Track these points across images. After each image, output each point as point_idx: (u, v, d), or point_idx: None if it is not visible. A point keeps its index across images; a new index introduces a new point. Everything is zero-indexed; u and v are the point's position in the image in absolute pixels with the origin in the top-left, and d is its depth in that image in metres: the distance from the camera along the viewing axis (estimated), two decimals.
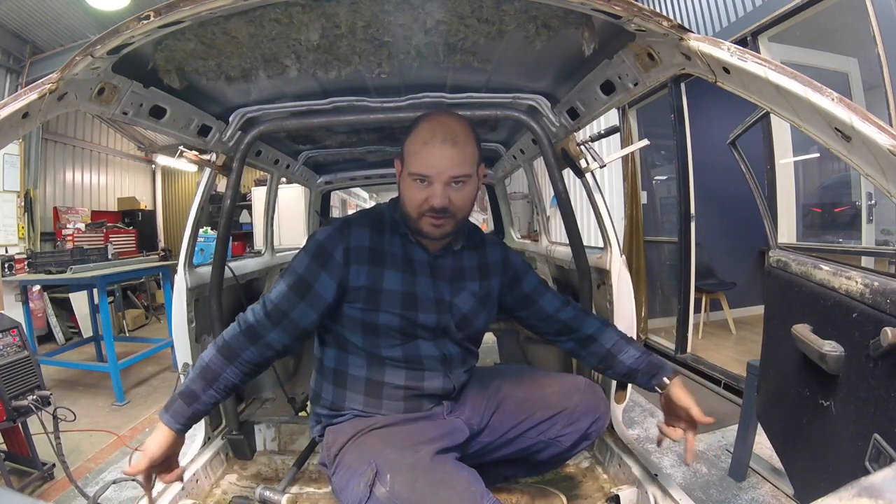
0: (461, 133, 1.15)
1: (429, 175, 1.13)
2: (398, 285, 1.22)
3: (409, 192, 1.17)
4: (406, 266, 1.24)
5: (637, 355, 1.34)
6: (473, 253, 1.35)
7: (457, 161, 1.13)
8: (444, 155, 1.12)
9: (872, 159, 0.67)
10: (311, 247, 1.21)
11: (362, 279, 1.20)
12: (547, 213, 2.98)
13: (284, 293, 1.19)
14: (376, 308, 1.20)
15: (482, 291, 1.34)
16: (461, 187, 1.16)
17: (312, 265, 1.19)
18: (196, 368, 1.19)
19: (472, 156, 1.17)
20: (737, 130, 1.91)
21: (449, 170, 1.12)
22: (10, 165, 5.55)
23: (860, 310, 1.07)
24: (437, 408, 1.29)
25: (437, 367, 1.27)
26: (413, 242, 1.25)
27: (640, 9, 0.84)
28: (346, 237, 1.21)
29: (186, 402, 1.15)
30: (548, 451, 1.32)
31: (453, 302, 1.28)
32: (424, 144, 1.14)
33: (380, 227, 1.25)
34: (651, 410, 3.15)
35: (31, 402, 2.16)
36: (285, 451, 1.88)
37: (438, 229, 1.17)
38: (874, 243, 3.22)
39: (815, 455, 1.28)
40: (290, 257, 2.86)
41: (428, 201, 1.13)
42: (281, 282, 1.21)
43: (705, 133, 4.10)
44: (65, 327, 5.75)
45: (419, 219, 1.17)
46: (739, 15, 3.27)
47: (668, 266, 4.78)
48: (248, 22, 1.05)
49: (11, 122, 0.81)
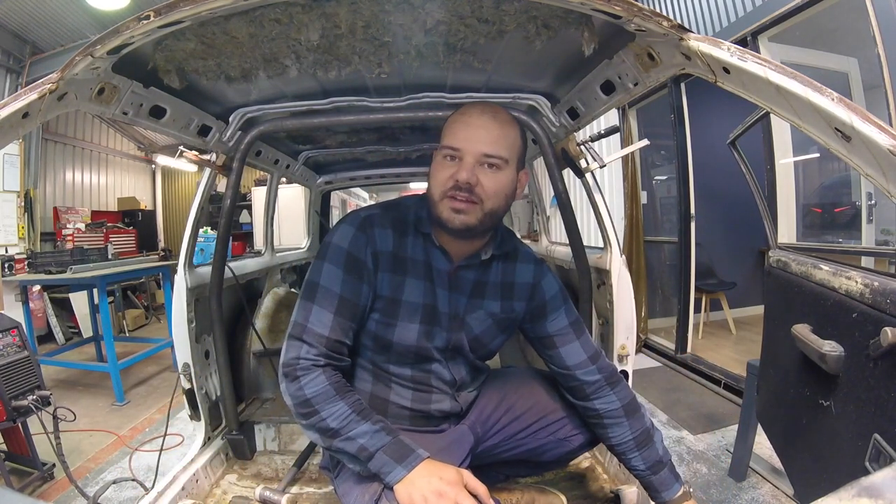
0: (505, 116, 1.05)
1: (459, 148, 1.01)
2: (419, 297, 1.10)
3: (435, 170, 1.05)
4: (427, 274, 1.11)
5: (641, 468, 1.17)
6: (502, 266, 1.19)
7: (493, 137, 1.00)
8: (480, 125, 1.01)
9: (872, 159, 0.67)
10: (339, 257, 1.05)
11: (385, 288, 1.08)
12: (547, 213, 2.97)
13: (333, 323, 1.02)
14: (393, 322, 1.09)
15: (503, 314, 1.18)
16: (495, 172, 1.02)
17: (349, 279, 1.04)
18: (351, 425, 0.97)
19: (514, 142, 1.04)
20: (737, 130, 1.91)
21: (483, 145, 1.00)
22: (10, 165, 5.55)
23: (860, 310, 1.07)
24: (443, 424, 1.23)
25: (446, 391, 1.19)
26: (435, 246, 1.11)
27: (640, 9, 0.84)
28: (371, 239, 1.08)
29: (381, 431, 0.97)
30: (556, 451, 1.27)
31: (465, 320, 1.15)
32: (462, 115, 1.05)
33: (402, 228, 1.12)
34: (651, 410, 3.14)
35: (31, 402, 2.16)
36: (285, 451, 1.88)
37: (459, 216, 1.01)
38: (874, 243, 3.22)
39: (815, 455, 1.28)
40: (290, 257, 2.88)
41: (454, 176, 1.00)
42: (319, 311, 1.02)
43: (705, 133, 4.10)
44: (65, 327, 5.75)
45: (440, 201, 1.03)
46: (739, 15, 3.27)
47: (668, 266, 4.79)
48: (248, 22, 1.05)
49: (11, 122, 0.81)
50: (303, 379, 0.99)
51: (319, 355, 1.00)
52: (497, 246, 1.16)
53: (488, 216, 1.04)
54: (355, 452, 0.96)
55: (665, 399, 3.32)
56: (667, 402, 3.27)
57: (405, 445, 0.95)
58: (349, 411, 0.97)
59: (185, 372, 1.68)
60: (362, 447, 0.95)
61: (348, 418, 0.97)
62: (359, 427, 0.96)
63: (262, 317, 2.28)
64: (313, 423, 0.98)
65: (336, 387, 0.99)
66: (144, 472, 2.53)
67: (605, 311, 1.71)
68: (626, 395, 1.22)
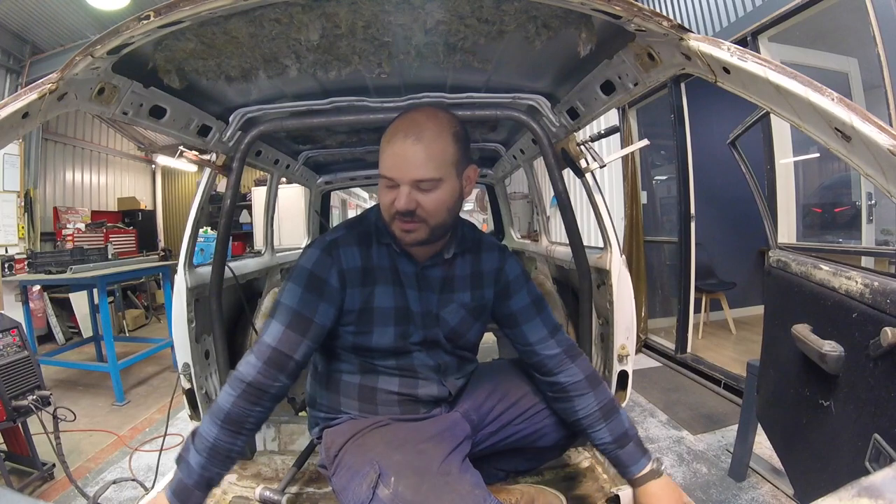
0: (430, 130, 1.03)
1: (392, 178, 1.03)
2: (390, 301, 1.16)
3: (381, 194, 1.09)
4: (395, 279, 1.17)
5: (608, 440, 1.17)
6: (468, 259, 1.25)
7: (420, 161, 1.01)
8: (404, 154, 1.02)
9: (872, 159, 0.67)
10: (301, 277, 1.11)
11: (356, 302, 1.14)
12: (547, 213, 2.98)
13: (282, 336, 1.07)
14: (369, 329, 1.15)
15: (474, 303, 1.24)
16: (431, 191, 1.04)
17: (308, 296, 1.10)
18: (198, 447, 1.03)
19: (443, 155, 1.03)
20: (737, 130, 1.91)
21: (412, 171, 1.01)
22: (10, 165, 5.55)
23: (860, 310, 1.07)
24: (434, 410, 1.27)
25: (432, 376, 1.24)
26: (399, 253, 1.17)
27: (640, 9, 0.84)
28: (336, 259, 1.13)
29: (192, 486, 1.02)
30: (550, 437, 1.29)
31: (440, 315, 1.21)
32: (387, 143, 1.05)
33: (367, 241, 1.17)
34: (651, 410, 3.15)
35: (31, 402, 2.16)
36: (285, 451, 1.88)
37: (408, 235, 1.08)
38: (874, 243, 3.22)
39: (815, 455, 1.28)
40: (290, 257, 2.88)
41: (395, 204, 1.04)
42: (274, 324, 1.08)
43: (705, 133, 4.10)
44: (65, 327, 5.75)
45: (391, 222, 1.09)
46: (739, 15, 3.27)
47: (668, 266, 4.78)
48: (248, 22, 1.05)
49: (11, 122, 0.81)
50: (226, 386, 1.06)
51: (254, 371, 1.05)
52: (458, 243, 1.22)
53: (437, 229, 1.09)
54: (177, 468, 1.04)
55: (665, 399, 3.32)
56: (667, 402, 3.27)
57: (189, 490, 1.01)
58: (209, 441, 1.02)
59: (185, 372, 1.68)
60: (181, 469, 1.02)
61: (201, 443, 1.02)
62: (194, 457, 1.02)
63: (262, 317, 2.28)
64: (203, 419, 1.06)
65: (229, 414, 1.03)
66: (144, 472, 2.53)
67: (605, 311, 1.71)
68: (588, 367, 1.26)
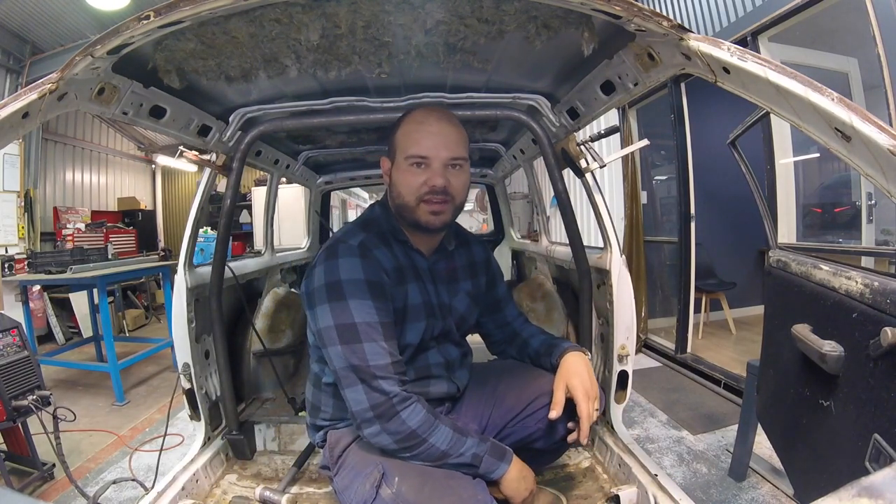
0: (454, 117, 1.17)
1: (427, 156, 1.10)
2: (418, 297, 1.20)
3: (405, 178, 1.13)
4: (416, 275, 1.22)
5: (543, 338, 1.36)
6: (462, 251, 1.36)
7: (454, 140, 1.12)
8: (442, 133, 1.11)
9: (872, 159, 0.67)
10: (361, 289, 1.07)
11: (398, 300, 1.16)
12: (547, 213, 2.97)
13: (388, 349, 1.06)
14: (402, 327, 1.17)
15: (475, 290, 1.35)
16: (459, 171, 1.14)
17: (380, 305, 1.08)
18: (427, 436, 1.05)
19: (467, 139, 1.18)
20: (737, 130, 1.91)
21: (448, 150, 1.11)
22: (10, 165, 5.55)
23: (860, 310, 1.07)
24: (439, 408, 1.28)
25: (442, 374, 1.28)
26: (413, 249, 1.23)
27: (640, 9, 0.84)
28: (376, 261, 1.13)
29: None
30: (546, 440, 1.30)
31: (452, 304, 1.28)
32: (420, 124, 1.13)
33: (387, 241, 1.20)
34: (651, 410, 3.15)
35: (31, 402, 2.16)
36: (285, 451, 1.88)
37: (437, 217, 1.13)
38: (874, 243, 3.22)
39: (815, 455, 1.28)
40: (290, 257, 2.88)
41: (427, 182, 1.10)
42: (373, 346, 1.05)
43: (705, 133, 4.10)
44: (65, 327, 5.75)
45: (417, 206, 1.12)
46: (739, 15, 3.27)
47: (668, 266, 4.78)
48: (248, 22, 1.05)
49: (11, 122, 0.81)
50: (403, 413, 1.04)
51: (401, 385, 1.06)
52: (455, 235, 1.34)
53: (458, 209, 1.19)
54: (469, 462, 1.07)
55: (665, 399, 3.32)
56: (667, 402, 3.27)
57: (498, 445, 1.12)
58: (451, 432, 1.07)
59: (185, 372, 1.68)
60: (475, 455, 1.07)
61: (453, 439, 1.06)
62: (465, 444, 1.07)
63: (262, 317, 2.28)
64: (420, 452, 1.05)
65: (430, 412, 1.07)
66: (144, 472, 2.53)
67: (605, 311, 1.71)
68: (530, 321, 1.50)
